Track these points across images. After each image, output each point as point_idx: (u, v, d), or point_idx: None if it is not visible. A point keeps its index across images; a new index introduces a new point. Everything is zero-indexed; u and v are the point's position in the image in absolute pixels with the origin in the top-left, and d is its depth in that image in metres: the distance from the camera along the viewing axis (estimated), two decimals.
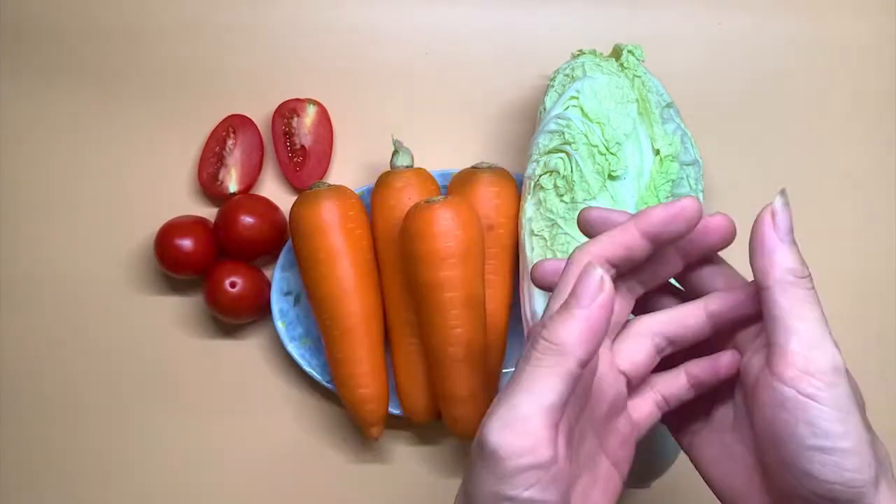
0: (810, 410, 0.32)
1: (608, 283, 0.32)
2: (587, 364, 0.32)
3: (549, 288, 0.37)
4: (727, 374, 0.37)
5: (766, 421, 0.33)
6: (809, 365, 0.32)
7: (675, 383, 0.38)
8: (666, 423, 0.40)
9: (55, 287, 0.62)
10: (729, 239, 0.36)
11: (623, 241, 0.35)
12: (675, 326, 0.37)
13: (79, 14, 0.64)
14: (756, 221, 0.34)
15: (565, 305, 0.32)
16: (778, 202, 0.34)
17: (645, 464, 0.49)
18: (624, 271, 0.36)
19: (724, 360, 0.37)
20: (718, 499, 0.38)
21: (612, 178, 0.50)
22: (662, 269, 0.37)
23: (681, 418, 0.39)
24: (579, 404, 0.34)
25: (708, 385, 0.38)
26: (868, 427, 0.33)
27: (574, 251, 0.35)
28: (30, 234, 0.63)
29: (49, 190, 0.63)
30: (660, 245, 0.35)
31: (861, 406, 0.34)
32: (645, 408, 0.38)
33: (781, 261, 0.33)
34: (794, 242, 0.34)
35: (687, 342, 0.37)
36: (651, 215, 0.35)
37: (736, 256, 0.38)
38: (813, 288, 0.34)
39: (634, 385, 0.37)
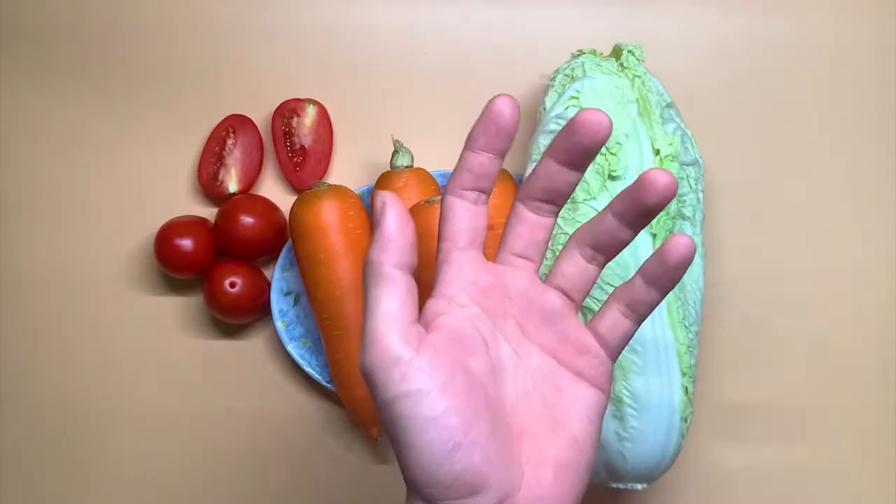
0: None
1: (391, 199, 0.35)
2: (402, 267, 0.35)
3: None
4: (678, 259, 0.37)
5: None
6: None
7: (632, 289, 0.39)
8: None
9: (55, 287, 0.62)
10: (668, 196, 0.36)
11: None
12: (589, 232, 0.39)
13: (79, 14, 0.64)
14: None
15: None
16: None
17: (646, 463, 0.49)
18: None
19: (671, 244, 0.37)
20: None
21: (611, 177, 0.51)
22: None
23: None
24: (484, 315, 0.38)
25: (661, 278, 0.38)
26: None
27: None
28: (30, 234, 0.63)
29: (49, 190, 0.63)
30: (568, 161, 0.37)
31: None
32: (609, 318, 0.39)
33: None
34: None
35: (607, 245, 0.38)
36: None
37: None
38: None
39: (575, 297, 0.39)
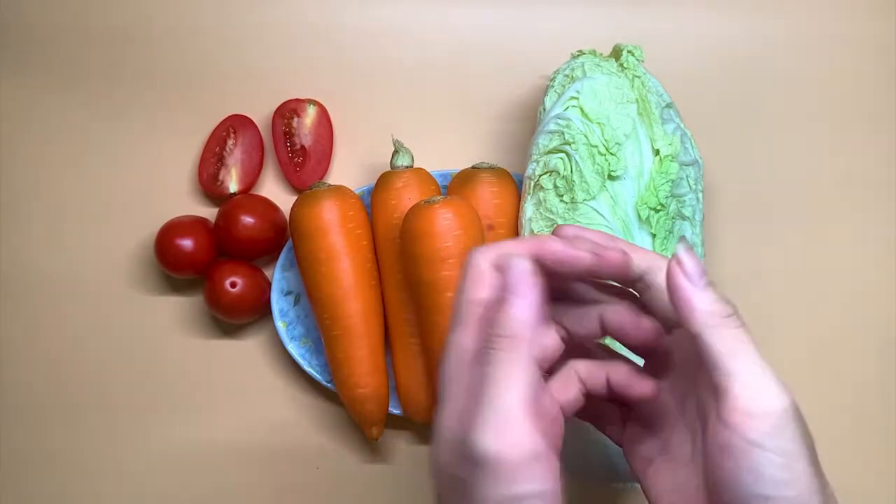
0: (754, 457, 0.31)
1: (532, 269, 0.33)
2: (535, 354, 0.33)
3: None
4: (638, 397, 0.37)
5: (713, 465, 0.32)
6: (753, 407, 0.31)
7: (595, 379, 0.37)
8: (621, 446, 0.40)
9: (55, 287, 0.62)
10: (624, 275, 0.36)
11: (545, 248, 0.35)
12: (571, 320, 0.37)
13: (79, 14, 0.64)
14: (667, 275, 0.34)
15: (504, 300, 0.33)
16: (680, 249, 0.33)
17: None
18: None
19: (635, 386, 0.37)
20: None
21: (611, 178, 0.51)
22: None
23: (635, 443, 0.39)
24: None
25: (619, 397, 0.37)
26: (818, 472, 0.32)
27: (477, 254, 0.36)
28: (30, 234, 0.63)
29: (49, 190, 0.63)
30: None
31: (811, 449, 0.32)
32: (571, 393, 0.37)
33: (700, 304, 0.33)
34: (709, 284, 0.33)
35: (580, 338, 0.37)
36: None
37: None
38: (743, 325, 0.33)
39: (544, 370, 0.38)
